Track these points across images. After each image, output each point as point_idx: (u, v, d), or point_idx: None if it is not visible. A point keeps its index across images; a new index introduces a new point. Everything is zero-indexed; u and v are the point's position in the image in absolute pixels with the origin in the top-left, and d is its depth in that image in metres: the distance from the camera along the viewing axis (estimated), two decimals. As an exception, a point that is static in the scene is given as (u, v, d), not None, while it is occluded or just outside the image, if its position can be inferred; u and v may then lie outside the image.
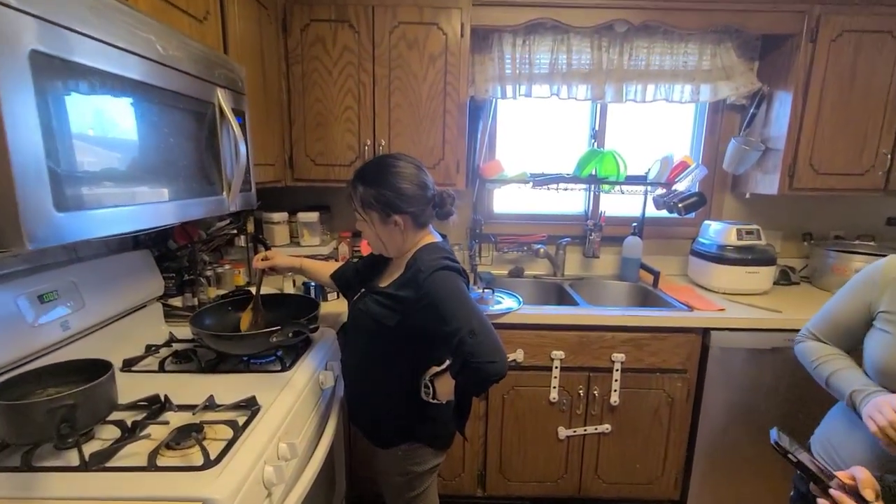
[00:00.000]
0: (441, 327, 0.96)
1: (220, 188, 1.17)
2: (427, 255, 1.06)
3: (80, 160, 0.73)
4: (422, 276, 1.00)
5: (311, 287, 1.59)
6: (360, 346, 1.15)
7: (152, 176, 0.91)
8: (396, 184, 1.05)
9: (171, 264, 1.50)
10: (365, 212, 1.08)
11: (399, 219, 1.06)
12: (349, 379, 1.21)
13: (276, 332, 1.12)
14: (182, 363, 1.21)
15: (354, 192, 1.08)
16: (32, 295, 1.00)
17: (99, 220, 0.76)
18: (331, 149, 1.81)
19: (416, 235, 1.11)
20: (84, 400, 0.83)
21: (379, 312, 1.07)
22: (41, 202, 0.65)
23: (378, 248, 1.14)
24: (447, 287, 0.99)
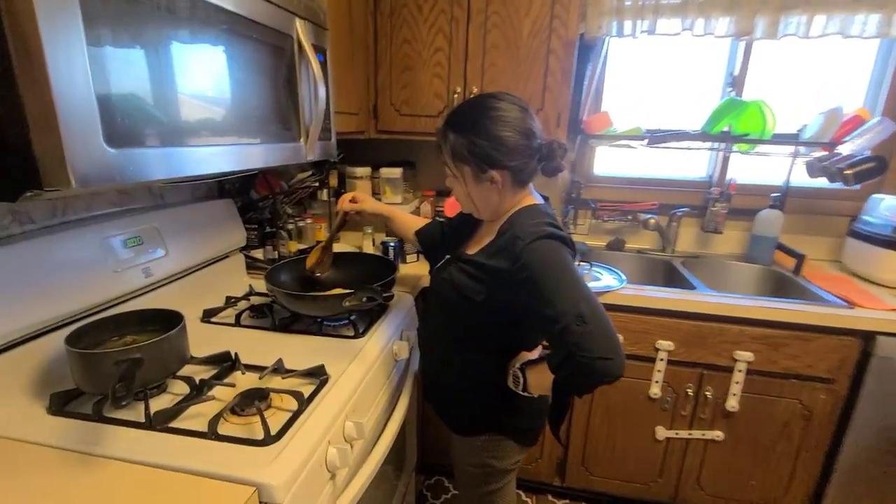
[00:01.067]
0: (540, 308, 0.79)
1: (297, 134, 1.07)
2: (526, 219, 0.87)
3: (136, 90, 0.63)
4: (519, 244, 0.82)
5: (389, 247, 1.49)
6: (441, 319, 1.01)
7: (221, 115, 0.81)
8: (496, 131, 0.85)
9: (253, 215, 1.47)
10: (456, 165, 0.91)
11: (496, 174, 0.88)
12: (426, 353, 1.09)
13: (348, 296, 1.01)
14: (258, 318, 1.17)
15: (444, 140, 0.91)
16: (117, 239, 0.98)
17: (158, 159, 0.67)
18: (417, 97, 1.65)
19: (514, 195, 0.92)
20: (151, 354, 0.79)
21: (465, 284, 0.91)
22: (90, 135, 0.57)
23: (468, 207, 0.98)
24: (551, 259, 0.80)
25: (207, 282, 1.27)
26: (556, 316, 0.76)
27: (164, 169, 0.68)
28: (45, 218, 0.92)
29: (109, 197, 1.05)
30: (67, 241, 0.90)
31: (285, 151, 1.02)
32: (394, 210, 1.30)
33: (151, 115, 0.66)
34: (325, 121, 1.18)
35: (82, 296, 0.90)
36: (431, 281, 1.07)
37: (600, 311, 0.76)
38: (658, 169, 1.94)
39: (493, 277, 0.87)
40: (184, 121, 0.73)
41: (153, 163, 0.66)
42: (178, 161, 0.71)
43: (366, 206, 1.25)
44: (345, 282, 1.29)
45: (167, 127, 0.69)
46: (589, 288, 0.79)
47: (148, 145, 0.65)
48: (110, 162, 0.59)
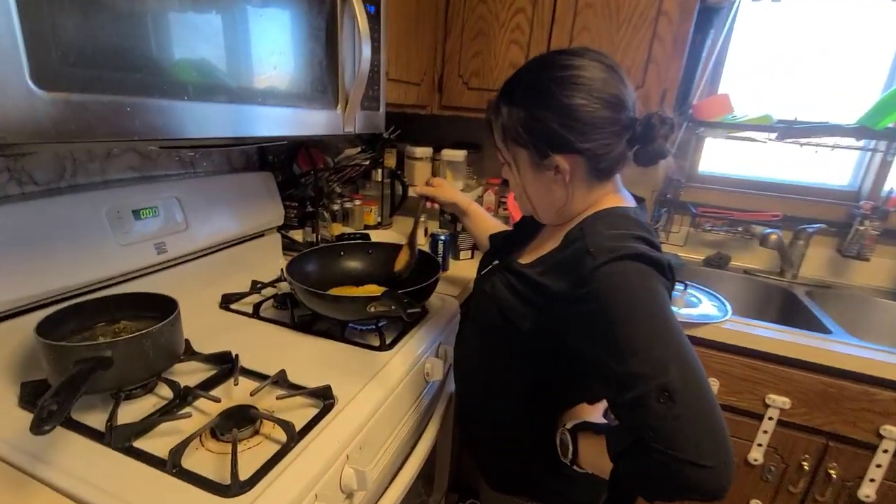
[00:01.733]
0: (607, 360, 0.54)
1: (333, 100, 0.89)
2: (604, 227, 0.62)
3: (88, 11, 0.47)
4: (588, 262, 0.57)
5: (438, 241, 1.29)
6: (477, 343, 0.79)
7: (220, 61, 0.64)
8: (565, 98, 0.61)
9: (295, 192, 1.33)
10: (508, 148, 0.68)
11: (563, 161, 0.63)
12: (459, 378, 0.88)
13: (375, 300, 0.83)
14: (280, 309, 1.02)
15: (495, 115, 0.68)
16: (125, 208, 0.87)
17: (121, 114, 0.51)
18: (489, 67, 1.41)
19: (589, 192, 0.67)
20: (128, 352, 0.66)
21: (509, 303, 0.68)
22: (5, 68, 0.41)
23: (525, 207, 0.74)
24: (632, 292, 0.55)
25: (236, 262, 1.15)
26: (627, 378, 0.51)
27: (129, 126, 0.52)
28: (51, 179, 0.82)
29: (129, 160, 0.95)
30: (69, 206, 0.80)
31: (315, 119, 0.84)
32: (473, 205, 1.09)
33: (110, 48, 0.50)
34: (371, 87, 0.99)
35: (80, 270, 0.80)
36: (474, 288, 0.85)
37: (701, 384, 0.50)
38: (782, 172, 1.55)
39: (545, 300, 0.64)
40: (162, 63, 0.56)
41: (114, 118, 0.51)
42: (151, 118, 0.54)
43: (439, 194, 1.06)
44: (382, 277, 1.11)
45: (136, 68, 0.53)
46: (688, 343, 0.53)
47: (104, 92, 0.49)
48: (40, 110, 0.44)
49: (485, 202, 1.79)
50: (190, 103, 0.59)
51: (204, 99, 0.61)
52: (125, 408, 0.69)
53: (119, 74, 0.51)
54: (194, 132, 0.59)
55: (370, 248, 1.14)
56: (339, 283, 1.09)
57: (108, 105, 0.50)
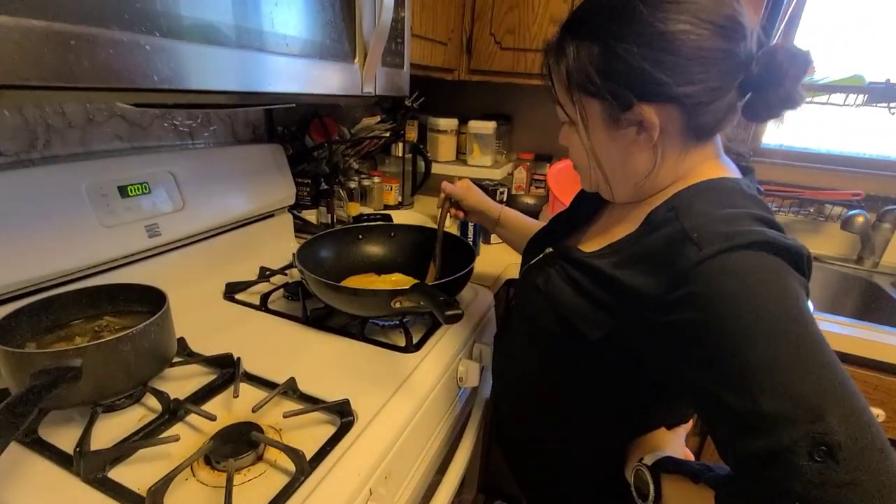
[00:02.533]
0: (722, 391, 0.39)
1: (350, 53, 0.74)
2: (709, 203, 0.46)
3: None
4: (690, 252, 0.42)
5: (468, 223, 1.14)
6: (525, 349, 0.64)
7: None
8: (662, 24, 0.44)
9: (307, 167, 1.19)
10: (574, 100, 0.52)
11: (651, 114, 0.47)
12: (501, 390, 0.74)
13: (401, 294, 0.69)
14: (291, 300, 0.90)
15: (556, 57, 0.52)
16: (109, 184, 0.74)
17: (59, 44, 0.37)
18: (526, 24, 1.23)
19: (683, 157, 0.51)
20: (103, 359, 0.54)
21: (570, 303, 0.53)
22: None
23: (591, 180, 0.58)
24: (763, 297, 0.39)
25: (242, 246, 1.02)
26: (757, 421, 0.36)
27: (73, 69, 0.38)
28: (20, 149, 0.70)
29: (115, 127, 0.82)
30: (42, 181, 0.67)
31: (329, 75, 0.69)
32: (505, 210, 0.91)
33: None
34: (395, 41, 0.83)
35: (56, 257, 0.67)
36: (518, 285, 0.70)
37: (875, 435, 0.34)
38: (864, 145, 1.35)
39: (622, 302, 0.49)
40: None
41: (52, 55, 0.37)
42: (112, 58, 0.40)
43: (467, 196, 0.89)
44: (409, 265, 0.97)
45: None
46: (844, 370, 0.37)
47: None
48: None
49: (515, 180, 1.63)
50: (163, 41, 0.44)
51: (184, 37, 0.47)
52: (104, 422, 0.57)
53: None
54: (165, 81, 0.45)
55: (392, 230, 1.00)
56: (359, 270, 0.96)
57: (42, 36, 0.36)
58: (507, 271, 1.15)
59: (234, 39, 0.53)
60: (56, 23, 0.36)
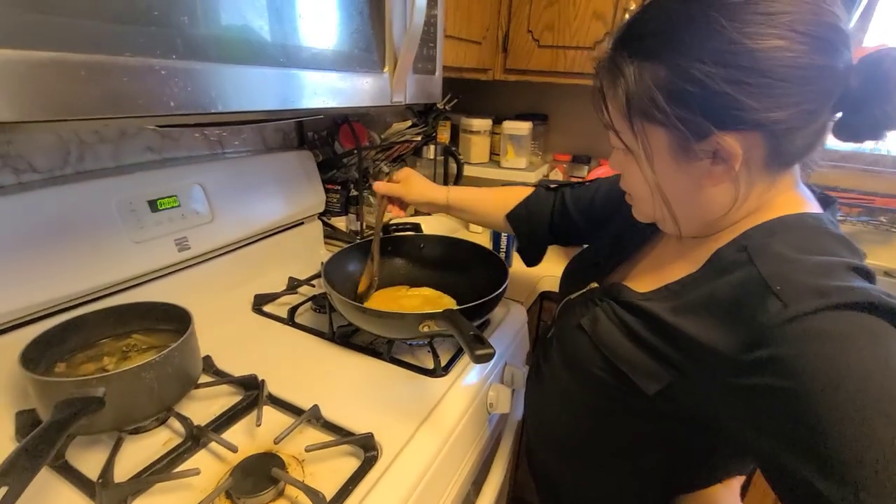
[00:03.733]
0: (802, 468, 0.34)
1: (379, 61, 0.70)
2: (790, 246, 0.40)
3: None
4: (774, 308, 0.36)
5: (501, 234, 1.09)
6: (566, 393, 0.59)
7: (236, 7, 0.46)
8: (751, 40, 0.37)
9: (337, 174, 1.17)
10: (634, 129, 0.45)
11: (733, 143, 0.40)
12: (536, 428, 0.68)
13: (429, 318, 0.65)
14: (319, 312, 0.88)
15: (612, 79, 0.45)
16: (139, 199, 0.74)
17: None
18: (566, 20, 1.16)
19: (762, 189, 0.44)
20: (126, 388, 0.53)
21: (622, 351, 0.48)
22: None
23: (650, 213, 0.51)
24: (864, 370, 0.32)
25: (272, 255, 1.01)
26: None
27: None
28: (53, 166, 0.70)
29: (147, 140, 0.81)
30: (73, 198, 0.67)
31: (357, 86, 0.66)
32: (452, 191, 0.83)
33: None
34: (425, 45, 0.79)
35: (87, 274, 0.68)
36: (559, 318, 0.64)
37: None
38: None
39: (688, 357, 0.43)
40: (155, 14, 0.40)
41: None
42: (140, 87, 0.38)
43: (407, 193, 0.82)
44: (439, 277, 0.94)
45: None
46: None
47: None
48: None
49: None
50: (179, 63, 0.42)
51: (203, 58, 0.44)
52: (130, 445, 0.57)
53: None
54: (194, 105, 0.42)
55: (422, 242, 0.97)
56: (389, 283, 0.93)
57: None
58: (542, 283, 1.09)
59: (256, 56, 0.50)
60: (63, 53, 0.34)
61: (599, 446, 0.56)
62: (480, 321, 0.82)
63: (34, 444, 0.42)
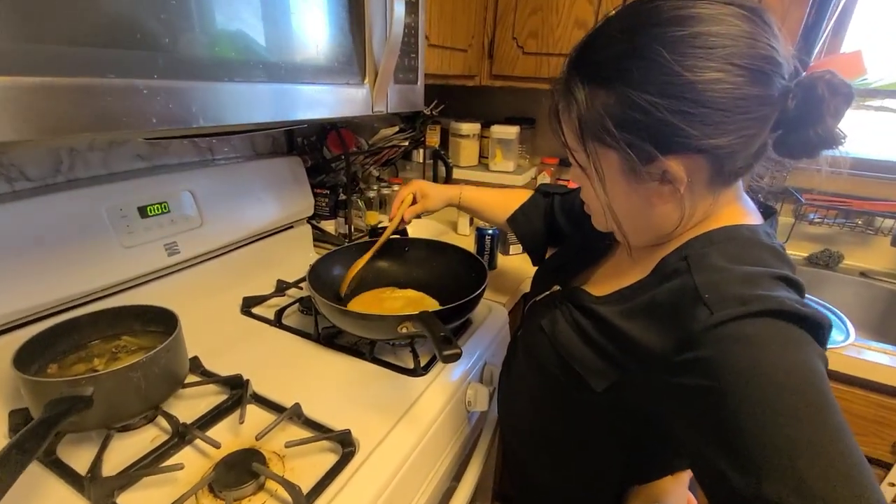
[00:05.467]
0: (722, 465, 0.36)
1: (359, 73, 0.73)
2: (724, 255, 0.43)
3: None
4: (702, 315, 0.39)
5: (486, 236, 1.12)
6: (530, 386, 0.62)
7: (205, 29, 0.49)
8: (690, 73, 0.40)
9: (326, 178, 1.20)
10: (587, 150, 0.47)
11: (677, 167, 0.43)
12: (506, 417, 0.72)
13: (407, 319, 0.68)
14: (306, 314, 0.91)
15: (566, 101, 0.47)
16: (129, 205, 0.77)
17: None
18: (549, 27, 1.19)
19: (706, 203, 0.47)
20: (114, 386, 0.56)
21: (575, 351, 0.51)
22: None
23: (605, 225, 0.54)
24: (778, 373, 0.35)
25: (261, 259, 1.04)
26: (759, 502, 0.34)
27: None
28: (45, 174, 0.72)
29: (136, 148, 0.84)
30: (64, 205, 0.70)
31: (337, 97, 0.69)
32: (464, 191, 0.91)
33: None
34: (406, 56, 0.82)
35: (79, 279, 0.70)
36: (525, 318, 0.68)
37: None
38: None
39: (629, 357, 0.46)
40: (152, 35, 0.42)
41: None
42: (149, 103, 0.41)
43: (431, 205, 0.89)
44: (424, 279, 0.97)
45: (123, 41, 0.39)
46: (864, 460, 0.33)
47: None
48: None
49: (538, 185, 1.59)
50: (160, 83, 0.44)
51: (184, 76, 0.47)
52: (119, 442, 0.60)
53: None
54: (176, 120, 0.45)
55: (406, 245, 0.99)
56: (375, 285, 0.96)
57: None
58: (525, 285, 1.12)
59: (238, 73, 0.53)
60: (51, 78, 0.37)
61: (560, 439, 0.59)
62: (460, 321, 0.85)
63: (24, 439, 0.45)
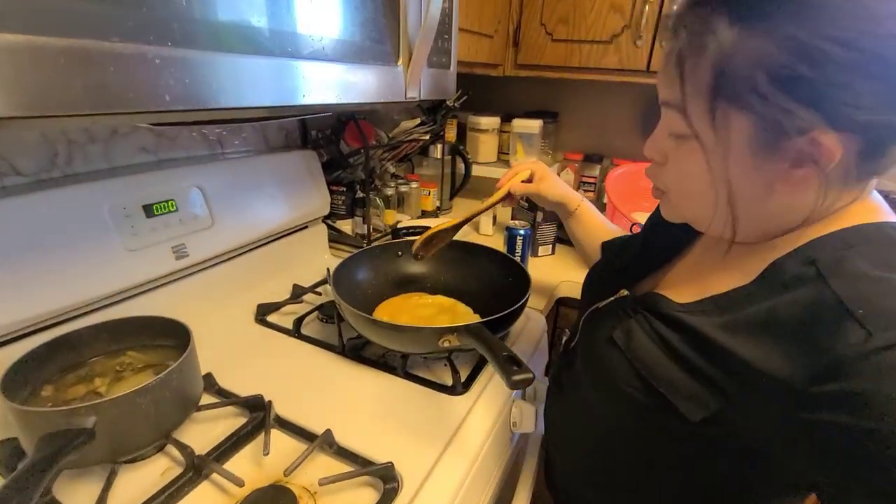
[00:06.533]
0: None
1: (393, 54, 0.65)
2: (869, 263, 0.34)
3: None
4: (854, 336, 0.31)
5: (517, 237, 1.03)
6: (594, 411, 0.53)
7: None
8: (888, 20, 0.30)
9: (343, 174, 1.12)
10: (717, 108, 0.36)
11: (832, 143, 0.33)
12: (556, 441, 0.63)
13: (449, 332, 0.60)
14: (326, 322, 0.83)
15: (700, 40, 0.36)
16: (134, 203, 0.69)
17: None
18: (582, 12, 1.11)
19: (845, 196, 0.38)
20: (119, 415, 0.48)
21: (662, 372, 0.42)
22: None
23: (676, 210, 0.46)
24: None
25: (275, 261, 0.96)
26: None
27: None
28: (40, 168, 0.64)
29: (141, 139, 0.76)
30: (62, 203, 0.62)
31: (370, 80, 0.61)
32: (584, 202, 0.78)
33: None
34: (441, 37, 0.74)
35: (78, 287, 0.62)
36: (584, 329, 0.57)
37: None
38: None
39: (741, 384, 0.37)
40: None
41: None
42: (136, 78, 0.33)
43: (547, 192, 0.76)
44: (453, 286, 0.88)
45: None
46: None
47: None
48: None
49: (562, 182, 1.51)
50: (176, 51, 0.36)
51: (201, 46, 0.39)
52: (125, 475, 0.52)
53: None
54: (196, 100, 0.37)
55: (399, 250, 0.91)
56: (402, 289, 0.87)
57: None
58: (559, 289, 1.04)
59: (262, 45, 0.45)
60: (37, 36, 0.29)
61: (628, 470, 0.51)
62: (503, 333, 0.77)
63: (18, 479, 0.37)
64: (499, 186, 0.77)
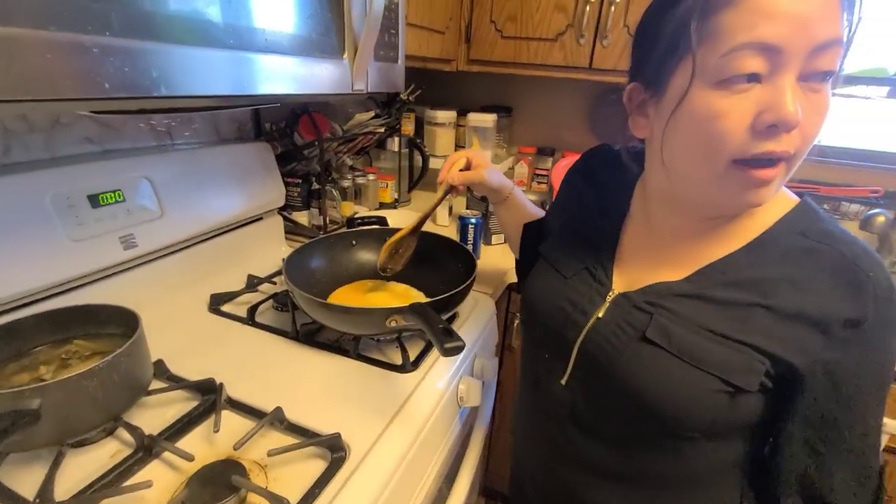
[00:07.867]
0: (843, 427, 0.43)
1: (339, 47, 0.67)
2: (841, 232, 0.44)
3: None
4: (869, 284, 0.41)
5: (468, 225, 1.07)
6: (620, 422, 0.51)
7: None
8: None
9: (298, 166, 1.13)
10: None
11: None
12: (551, 454, 0.60)
13: (397, 312, 0.64)
14: (281, 311, 0.85)
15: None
16: (78, 193, 0.68)
17: None
18: (528, 11, 1.16)
19: None
20: (65, 397, 0.48)
21: (714, 356, 0.43)
22: None
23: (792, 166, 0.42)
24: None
25: (229, 252, 0.96)
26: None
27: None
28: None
29: (84, 129, 0.75)
30: (1, 194, 0.61)
31: (316, 72, 0.63)
32: (515, 189, 0.82)
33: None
34: (387, 31, 0.76)
35: (20, 277, 0.62)
36: (593, 350, 0.51)
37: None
38: (882, 140, 1.28)
39: (771, 338, 0.42)
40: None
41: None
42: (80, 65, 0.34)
43: (484, 179, 0.75)
44: (406, 274, 0.91)
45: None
46: None
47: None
48: None
49: (516, 175, 1.57)
50: (115, 41, 0.38)
51: (144, 36, 0.40)
52: (73, 459, 0.53)
53: None
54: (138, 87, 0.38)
55: (387, 235, 0.94)
56: (355, 277, 0.90)
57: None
58: (509, 275, 1.09)
59: (204, 37, 0.47)
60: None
61: (659, 475, 0.51)
62: (449, 314, 0.81)
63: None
64: (440, 181, 0.77)
